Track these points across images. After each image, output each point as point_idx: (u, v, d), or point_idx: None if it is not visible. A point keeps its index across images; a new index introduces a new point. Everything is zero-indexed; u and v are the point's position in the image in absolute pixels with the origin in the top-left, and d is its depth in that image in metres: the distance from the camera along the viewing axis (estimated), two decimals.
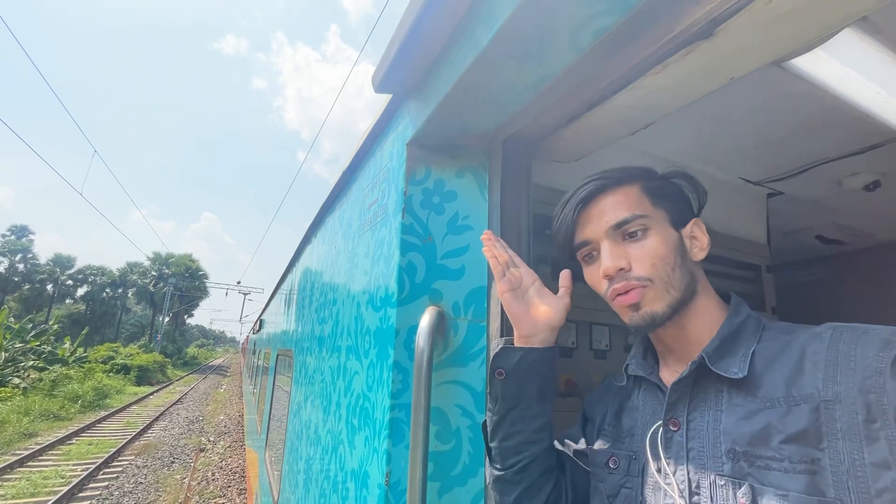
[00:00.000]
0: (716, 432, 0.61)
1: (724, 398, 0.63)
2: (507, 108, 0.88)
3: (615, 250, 0.69)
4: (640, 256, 0.68)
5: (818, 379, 0.55)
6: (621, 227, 0.70)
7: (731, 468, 0.58)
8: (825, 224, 2.07)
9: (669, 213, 0.72)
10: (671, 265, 0.68)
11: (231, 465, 9.00)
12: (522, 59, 0.73)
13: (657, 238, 0.69)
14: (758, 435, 0.57)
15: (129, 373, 22.15)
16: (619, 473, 0.72)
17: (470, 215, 0.98)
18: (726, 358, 0.64)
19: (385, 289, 0.99)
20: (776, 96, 1.17)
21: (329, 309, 1.62)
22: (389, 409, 0.86)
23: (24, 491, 6.76)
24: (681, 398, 0.66)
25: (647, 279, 0.67)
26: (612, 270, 0.68)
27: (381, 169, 1.18)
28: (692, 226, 0.73)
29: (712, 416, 0.63)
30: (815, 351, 0.58)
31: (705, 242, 0.73)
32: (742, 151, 1.51)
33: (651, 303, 0.67)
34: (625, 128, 0.94)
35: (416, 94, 0.98)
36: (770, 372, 0.60)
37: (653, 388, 0.73)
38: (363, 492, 0.93)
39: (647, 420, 0.72)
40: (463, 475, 0.85)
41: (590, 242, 0.73)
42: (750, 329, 0.66)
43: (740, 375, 0.61)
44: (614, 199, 0.72)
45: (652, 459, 0.68)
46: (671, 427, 0.66)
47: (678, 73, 0.74)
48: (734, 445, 0.59)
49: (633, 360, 0.78)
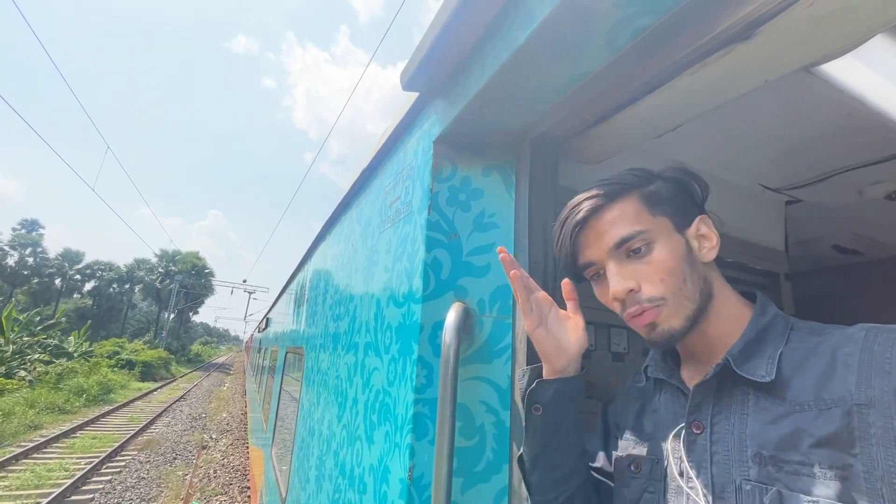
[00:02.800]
0: (741, 436, 0.60)
1: (750, 401, 0.61)
2: (537, 107, 0.88)
3: (622, 271, 0.67)
4: (648, 274, 0.66)
5: (850, 382, 0.54)
6: (623, 245, 0.67)
7: (758, 473, 0.57)
8: (843, 233, 2.05)
9: (671, 218, 0.69)
10: (682, 276, 0.66)
11: (233, 462, 9.01)
12: (558, 57, 0.74)
13: (662, 250, 0.66)
14: (786, 439, 0.55)
15: (133, 368, 22.30)
16: (641, 478, 0.71)
17: (496, 213, 0.98)
18: (752, 360, 0.62)
19: (409, 285, 0.99)
20: (802, 102, 1.17)
21: (345, 306, 1.63)
22: (413, 403, 0.86)
23: (29, 482, 6.81)
24: (704, 401, 0.65)
25: (660, 298, 0.65)
26: (621, 294, 0.67)
27: (405, 167, 1.19)
28: (698, 224, 0.70)
29: (738, 419, 0.61)
30: (848, 353, 0.56)
31: (715, 240, 0.70)
32: (763, 158, 1.50)
33: (668, 320, 0.65)
34: (652, 130, 0.94)
35: (445, 93, 0.99)
36: (799, 374, 0.58)
37: (674, 390, 0.72)
38: (383, 487, 0.93)
39: (668, 423, 0.71)
40: (486, 471, 0.85)
41: (594, 264, 0.71)
42: (777, 330, 0.64)
43: (767, 379, 0.59)
44: (611, 217, 0.69)
45: (674, 463, 0.67)
46: (694, 430, 0.65)
47: (712, 76, 0.74)
48: (761, 449, 0.57)
49: (652, 361, 0.77)
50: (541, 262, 0.93)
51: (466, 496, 0.82)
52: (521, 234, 0.94)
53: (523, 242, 0.94)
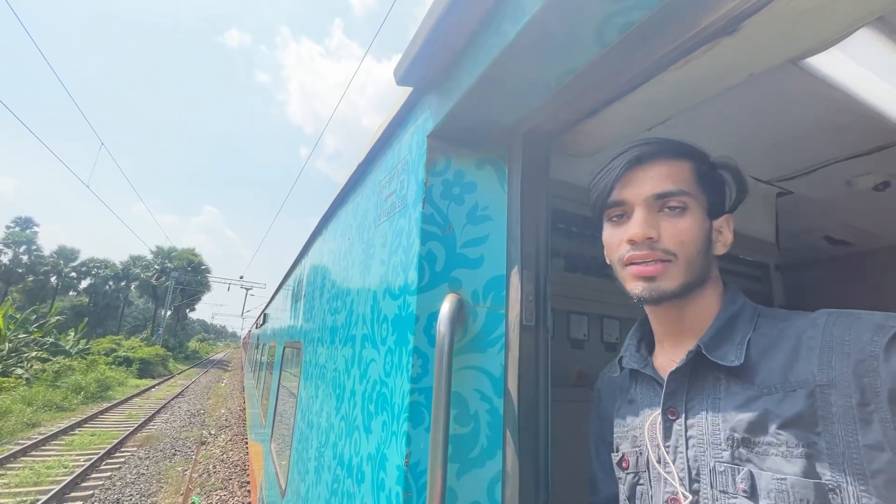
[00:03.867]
0: (714, 420, 0.62)
1: (721, 386, 0.63)
2: (528, 103, 0.90)
3: (649, 219, 0.68)
4: (672, 232, 0.67)
5: (813, 364, 0.56)
6: (664, 198, 0.69)
7: (731, 454, 0.59)
8: (834, 225, 2.08)
9: (709, 202, 0.72)
10: (697, 248, 0.68)
11: (232, 458, 9.06)
12: (548, 53, 0.75)
13: (692, 219, 0.68)
14: (756, 421, 0.58)
15: (131, 365, 22.28)
16: (631, 472, 0.73)
17: (489, 206, 1.00)
18: (723, 346, 0.64)
19: (404, 277, 1.01)
20: (790, 95, 1.19)
21: (342, 299, 1.65)
22: (409, 392, 0.88)
23: (28, 480, 6.83)
24: (679, 387, 0.67)
25: (673, 254, 0.67)
26: (640, 237, 0.67)
27: (400, 161, 1.20)
28: (723, 221, 0.73)
29: (710, 403, 0.63)
30: (811, 336, 0.59)
31: (729, 240, 0.74)
32: (753, 150, 1.53)
33: (667, 279, 0.67)
34: (642, 123, 0.96)
35: (438, 88, 1.00)
36: (766, 359, 0.61)
37: (648, 380, 0.74)
38: (381, 474, 0.95)
39: (645, 412, 0.73)
40: (481, 457, 0.87)
41: (625, 203, 0.72)
42: (745, 317, 0.67)
43: (736, 363, 0.61)
44: (666, 169, 0.70)
45: (652, 451, 0.69)
46: (669, 416, 0.67)
47: (699, 70, 0.76)
48: (733, 432, 0.59)
49: (626, 351, 0.79)
50: (532, 255, 0.95)
51: (462, 481, 0.84)
52: (514, 227, 0.96)
53: (516, 235, 0.95)
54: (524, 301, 0.91)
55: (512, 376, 0.89)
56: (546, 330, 0.92)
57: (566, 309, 1.36)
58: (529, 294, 0.91)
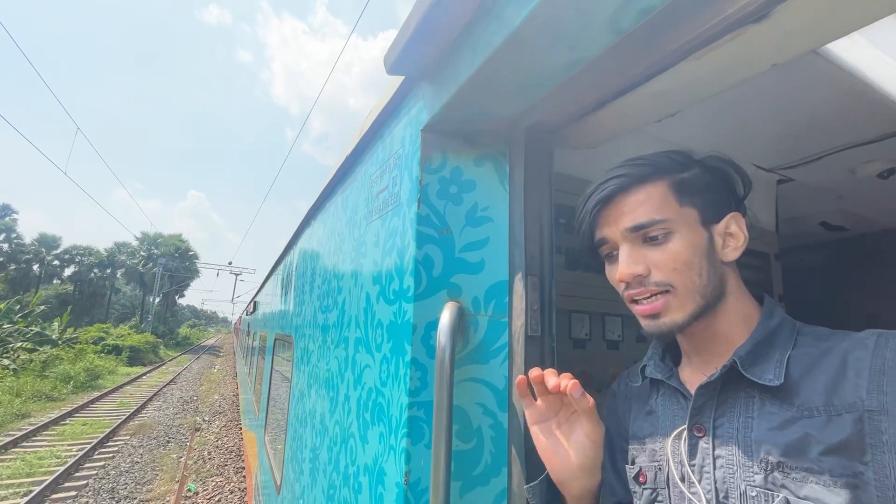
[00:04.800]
0: (746, 440, 0.58)
1: (755, 405, 0.60)
2: (532, 94, 0.82)
3: (633, 254, 0.66)
4: (661, 262, 0.64)
5: (861, 388, 0.52)
6: (639, 230, 0.65)
7: (764, 479, 0.55)
8: (831, 211, 2.06)
9: (700, 211, 0.66)
10: (696, 271, 0.63)
11: (227, 444, 9.09)
12: (555, 41, 0.68)
13: (681, 242, 0.64)
14: (795, 445, 0.54)
15: (120, 353, 22.08)
16: (649, 488, 0.69)
17: (489, 206, 0.94)
18: (760, 363, 0.60)
19: (399, 282, 0.95)
20: (803, 81, 1.13)
21: (333, 297, 1.58)
22: (408, 406, 0.84)
23: (20, 471, 6.78)
24: (707, 403, 0.63)
25: (669, 284, 0.63)
26: (627, 277, 0.65)
27: (392, 155, 1.13)
28: (728, 220, 0.67)
29: (742, 422, 0.60)
30: (859, 358, 0.55)
31: (742, 240, 0.67)
32: (759, 137, 1.47)
33: (671, 313, 0.63)
34: (652, 115, 0.90)
35: (433, 77, 0.92)
36: (808, 379, 0.57)
37: (672, 391, 0.70)
38: (379, 489, 0.91)
39: (667, 425, 0.69)
40: (485, 475, 0.83)
41: (608, 242, 0.70)
42: (785, 333, 0.63)
43: (776, 383, 0.57)
44: (635, 200, 0.67)
45: (675, 467, 0.65)
46: (696, 433, 0.63)
47: (720, 60, 0.69)
48: (768, 455, 0.56)
49: (650, 360, 0.74)
50: (537, 258, 0.89)
51: (465, 500, 0.81)
52: (517, 229, 0.90)
53: (519, 238, 0.90)
54: (529, 310, 0.85)
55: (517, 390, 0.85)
56: (552, 339, 0.88)
57: (567, 308, 1.32)
58: (534, 302, 0.86)
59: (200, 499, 6.45)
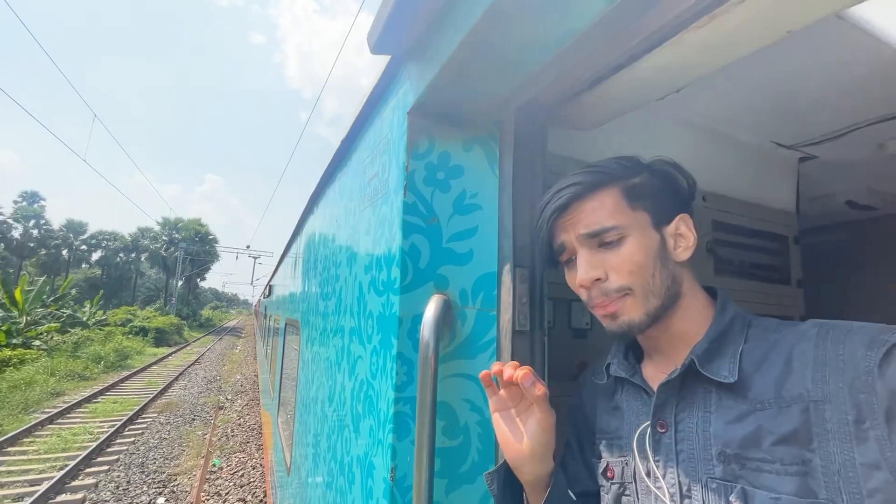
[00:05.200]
0: (705, 434, 0.61)
1: (712, 399, 0.62)
2: (521, 71, 0.76)
3: (591, 259, 0.67)
4: (617, 265, 0.66)
5: (807, 379, 0.55)
6: (595, 237, 0.67)
7: (723, 471, 0.58)
8: (858, 189, 1.93)
9: (651, 214, 0.68)
10: (650, 272, 0.66)
11: (249, 422, 9.41)
12: (543, 11, 0.62)
13: (634, 244, 0.66)
14: (749, 437, 0.57)
15: (147, 335, 22.93)
16: (616, 482, 0.71)
17: (478, 193, 0.89)
18: (715, 360, 0.62)
19: (387, 273, 0.92)
20: (827, 49, 1.03)
21: (332, 285, 1.57)
22: (394, 402, 0.82)
23: (56, 446, 7.16)
24: (668, 399, 0.65)
25: (627, 288, 0.65)
26: (587, 282, 0.67)
27: (382, 139, 1.08)
28: (678, 222, 0.69)
29: (701, 417, 0.62)
30: (803, 350, 0.57)
31: (692, 240, 0.69)
32: (778, 113, 1.37)
33: (629, 311, 0.66)
34: (655, 91, 0.83)
35: (418, 56, 0.86)
36: (759, 373, 0.60)
37: (636, 389, 0.72)
38: (369, 482, 0.90)
39: (632, 422, 0.72)
40: (472, 472, 0.81)
41: (566, 248, 0.71)
42: (736, 328, 0.65)
43: (731, 380, 0.60)
44: (590, 207, 0.68)
45: (640, 462, 0.68)
46: (659, 429, 0.66)
47: (728, 27, 0.62)
48: (725, 448, 0.58)
49: (614, 359, 0.76)
50: (527, 247, 0.84)
51: (451, 498, 0.79)
52: (506, 218, 0.85)
53: (508, 227, 0.85)
54: (517, 303, 0.81)
55: None
56: (542, 332, 0.84)
57: (568, 298, 1.27)
58: (523, 296, 0.82)
59: (224, 474, 6.73)
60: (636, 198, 0.68)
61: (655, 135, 1.39)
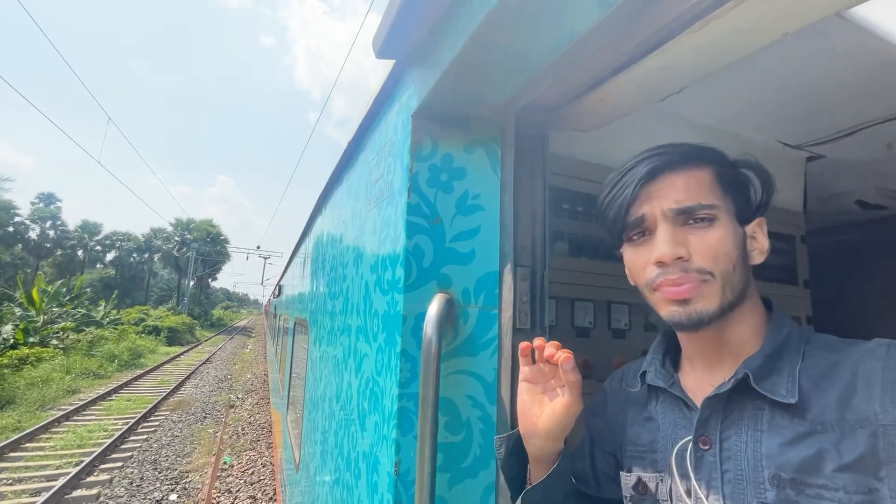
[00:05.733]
0: (756, 455, 0.57)
1: (763, 417, 0.58)
2: (520, 75, 0.78)
3: (675, 235, 0.61)
4: (703, 248, 0.60)
5: (875, 401, 0.51)
6: (685, 213, 0.61)
7: (776, 496, 0.54)
8: (868, 188, 1.91)
9: (736, 207, 0.64)
10: (734, 262, 0.61)
11: (259, 420, 9.52)
12: (539, 18, 0.63)
13: (723, 230, 0.61)
14: (808, 461, 0.52)
15: (159, 334, 23.29)
16: (648, 499, 0.68)
17: (480, 194, 0.91)
18: (772, 377, 0.58)
19: (392, 272, 0.94)
20: (832, 49, 1.03)
21: (339, 285, 1.60)
22: (398, 398, 0.84)
23: (72, 443, 7.32)
24: (713, 414, 0.61)
25: (709, 273, 0.59)
26: (669, 257, 0.60)
27: (387, 142, 1.10)
28: (755, 225, 0.66)
29: (751, 436, 0.58)
30: (870, 370, 0.53)
31: (766, 246, 0.66)
32: (784, 112, 1.37)
33: (705, 299, 0.59)
34: (655, 93, 0.84)
35: (421, 60, 0.89)
36: (819, 392, 0.55)
37: (675, 400, 0.68)
38: (374, 476, 0.93)
39: (668, 435, 0.67)
40: (473, 467, 0.83)
41: (645, 220, 0.64)
42: (793, 344, 0.61)
43: (791, 401, 0.55)
44: (683, 181, 0.63)
45: (680, 480, 0.63)
46: (701, 445, 0.61)
47: (723, 30, 0.63)
48: (780, 471, 0.54)
49: (650, 366, 0.72)
50: (528, 250, 0.86)
51: (454, 492, 0.81)
52: (507, 218, 0.87)
53: (509, 227, 0.87)
54: (517, 302, 0.83)
55: (505, 382, 0.83)
56: (543, 331, 0.85)
57: (570, 296, 1.28)
58: (524, 294, 0.84)
59: (235, 471, 6.82)
60: (727, 186, 0.64)
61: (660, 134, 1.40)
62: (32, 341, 13.72)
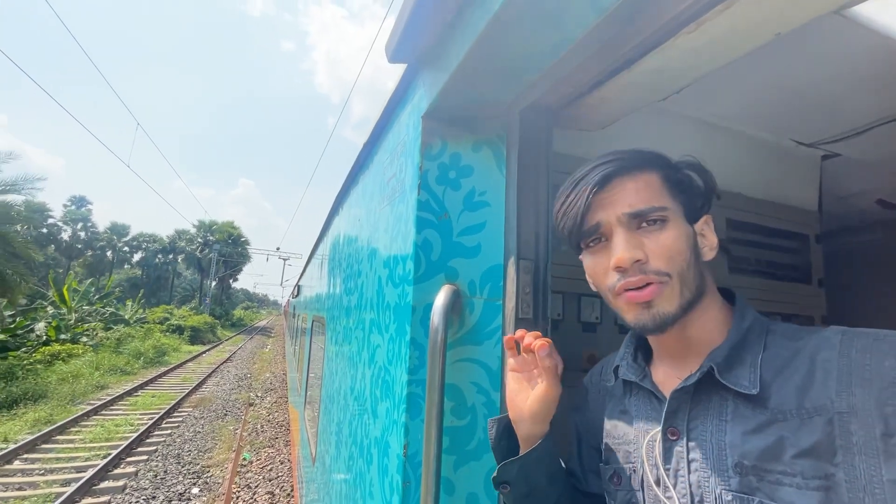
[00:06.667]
0: (720, 444, 0.58)
1: (728, 407, 0.59)
2: (523, 76, 0.82)
3: (631, 239, 0.63)
4: (658, 250, 0.62)
5: (831, 389, 0.52)
6: (640, 216, 0.63)
7: (739, 483, 0.56)
8: (888, 187, 1.88)
9: (684, 207, 0.66)
10: (687, 261, 0.63)
11: (277, 418, 9.71)
12: (538, 23, 0.68)
13: (675, 230, 0.63)
14: (769, 449, 0.54)
15: (183, 333, 23.95)
16: (623, 489, 0.70)
17: (487, 191, 0.95)
18: (735, 368, 0.60)
19: (403, 265, 0.99)
20: (837, 48, 1.04)
21: (355, 281, 1.66)
22: (407, 384, 0.88)
23: (100, 436, 7.60)
24: (681, 406, 0.63)
25: (666, 274, 0.61)
26: (626, 262, 0.61)
27: (399, 142, 1.16)
28: (703, 223, 0.68)
29: (715, 426, 0.60)
30: (826, 359, 0.54)
31: (714, 242, 0.68)
32: (796, 111, 1.37)
33: (664, 302, 0.61)
34: (654, 93, 0.87)
35: (431, 64, 0.93)
36: (780, 381, 0.57)
37: (647, 393, 0.70)
38: (384, 460, 0.97)
39: (641, 427, 0.69)
40: (478, 450, 0.87)
41: (601, 226, 0.66)
42: (755, 334, 0.62)
43: (753, 391, 0.57)
44: (634, 186, 0.65)
45: (650, 471, 0.66)
46: (670, 436, 0.63)
47: (716, 32, 0.66)
48: (742, 459, 0.56)
49: (623, 361, 0.74)
50: (531, 243, 0.90)
51: (459, 473, 0.85)
52: (511, 213, 0.91)
53: (513, 222, 0.90)
54: (521, 293, 0.87)
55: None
56: (545, 321, 0.89)
57: (577, 292, 1.31)
58: (526, 286, 0.87)
59: (254, 467, 6.98)
60: (674, 188, 0.66)
61: (665, 133, 1.42)
62: (64, 338, 14.30)
